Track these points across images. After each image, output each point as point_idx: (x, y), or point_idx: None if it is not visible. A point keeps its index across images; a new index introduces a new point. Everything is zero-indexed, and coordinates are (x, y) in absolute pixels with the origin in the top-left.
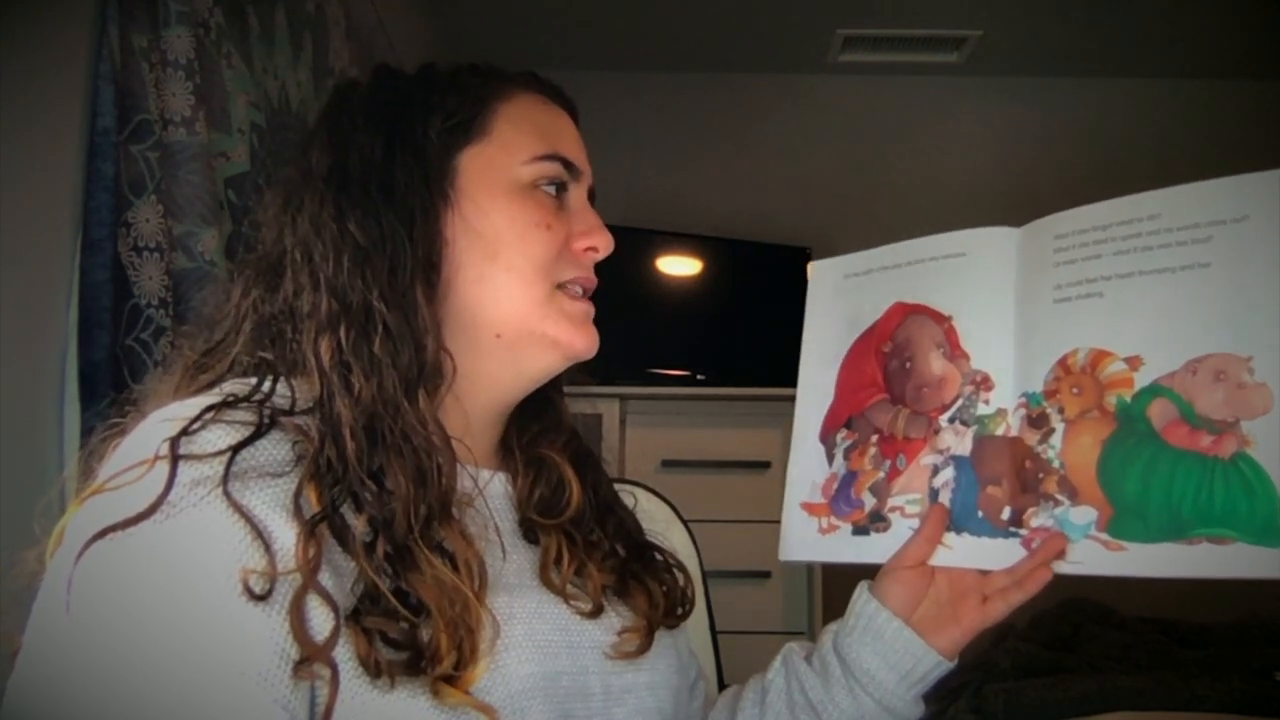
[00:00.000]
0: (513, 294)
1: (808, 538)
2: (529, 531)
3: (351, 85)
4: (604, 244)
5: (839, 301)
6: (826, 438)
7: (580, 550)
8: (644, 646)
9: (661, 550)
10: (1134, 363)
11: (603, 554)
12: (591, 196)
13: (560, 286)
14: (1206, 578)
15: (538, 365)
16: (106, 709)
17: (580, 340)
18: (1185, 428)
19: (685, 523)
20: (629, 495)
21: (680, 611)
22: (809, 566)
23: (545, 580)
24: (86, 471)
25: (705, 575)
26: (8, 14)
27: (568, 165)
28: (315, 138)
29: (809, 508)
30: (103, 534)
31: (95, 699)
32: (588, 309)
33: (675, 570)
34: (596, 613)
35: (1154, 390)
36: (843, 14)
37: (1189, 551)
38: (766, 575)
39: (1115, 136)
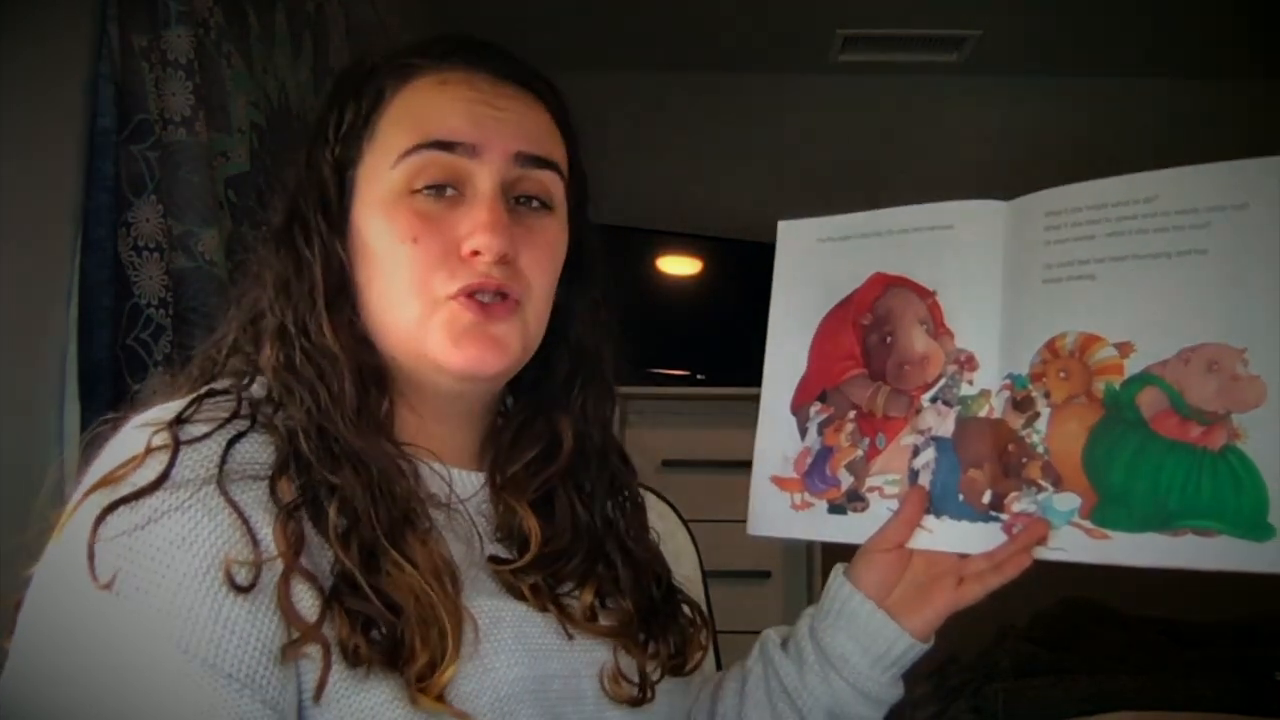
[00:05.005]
0: (395, 315)
1: (780, 513)
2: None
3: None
4: (484, 244)
5: (812, 266)
6: (798, 410)
7: (546, 591)
8: (636, 701)
9: (688, 599)
10: (1125, 349)
11: (601, 587)
12: (544, 165)
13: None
14: (1189, 569)
15: (441, 386)
16: (91, 712)
17: (457, 359)
18: (1175, 418)
19: (687, 525)
20: (653, 533)
21: (698, 657)
22: (808, 564)
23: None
24: (75, 476)
25: (705, 575)
26: (8, 14)
27: (447, 146)
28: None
29: (779, 481)
30: (112, 508)
31: (78, 704)
32: (473, 320)
33: (694, 619)
34: (588, 621)
35: (1144, 378)
36: (843, 14)
37: (1173, 542)
38: (766, 575)
39: (1115, 136)
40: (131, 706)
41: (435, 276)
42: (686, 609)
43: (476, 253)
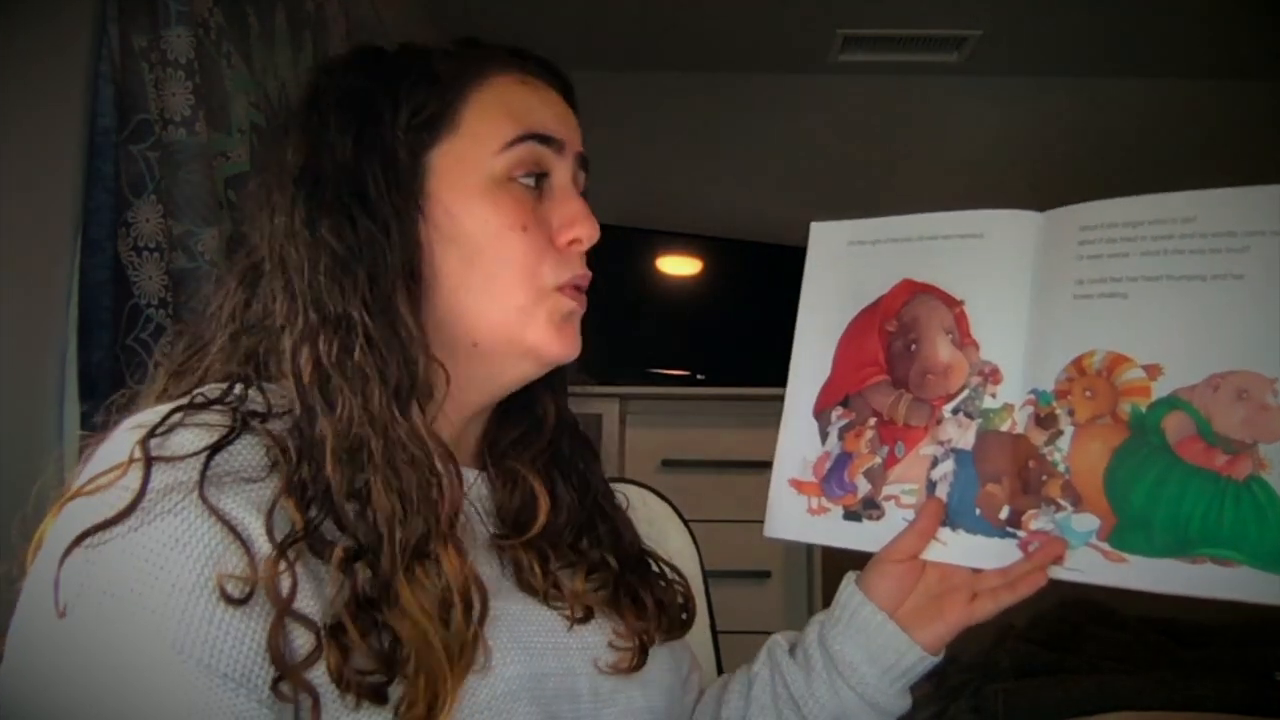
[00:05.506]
0: (493, 302)
1: (796, 516)
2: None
3: (329, 70)
4: (587, 234)
5: (842, 270)
6: (820, 414)
7: (555, 565)
8: (637, 664)
9: (658, 558)
10: (1153, 371)
11: (590, 565)
12: (585, 166)
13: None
14: (1207, 598)
15: (514, 373)
16: (87, 714)
17: (558, 347)
18: (1200, 444)
19: (685, 521)
20: (621, 496)
21: (684, 619)
22: (808, 564)
23: (524, 587)
24: (62, 480)
25: (706, 575)
26: (8, 14)
27: (545, 140)
28: (290, 130)
29: (798, 485)
30: (81, 539)
31: (76, 705)
32: (574, 309)
33: (673, 580)
34: (584, 619)
35: (1171, 402)
36: (843, 14)
37: (1191, 570)
38: (766, 575)
39: (1115, 136)
40: (129, 707)
41: (543, 266)
42: (656, 565)
43: (574, 242)
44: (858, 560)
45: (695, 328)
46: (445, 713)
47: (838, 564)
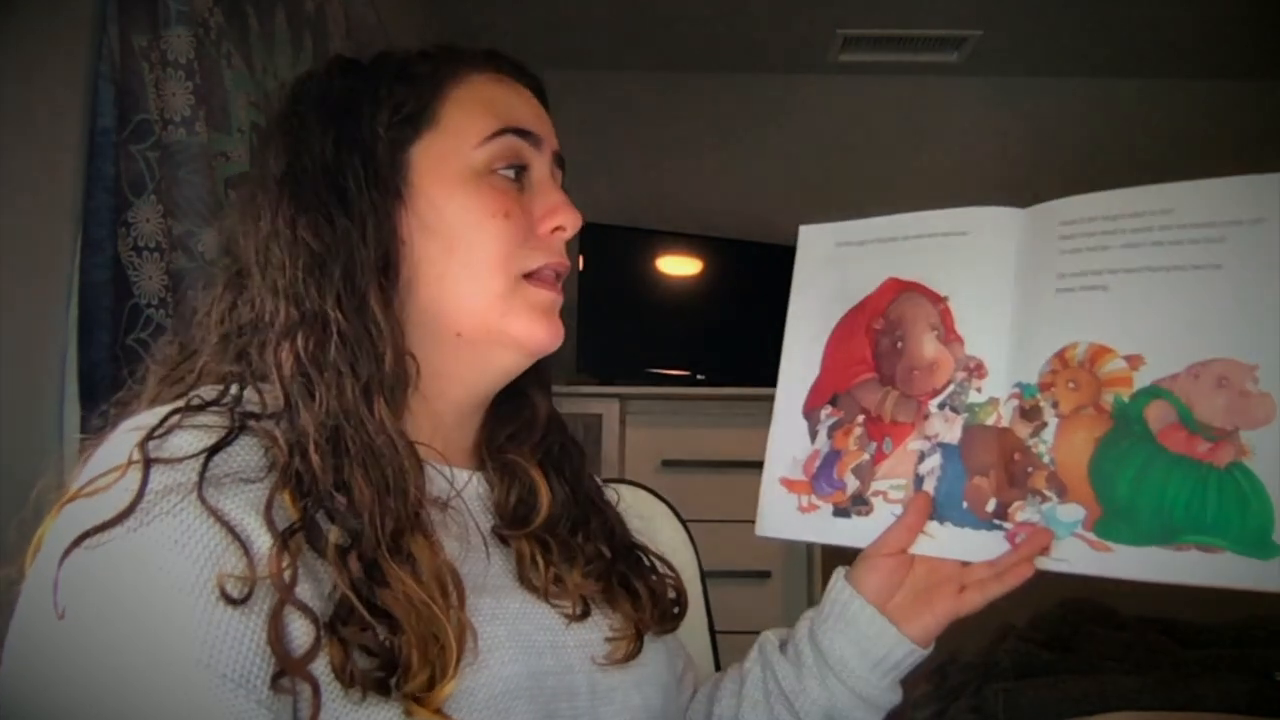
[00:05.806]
0: (473, 290)
1: (787, 515)
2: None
3: (307, 79)
4: (570, 221)
5: (830, 271)
6: (810, 413)
7: (556, 556)
8: (633, 653)
9: (648, 550)
10: (1134, 362)
11: (586, 558)
12: (561, 165)
13: (528, 276)
14: (1192, 585)
15: (500, 364)
16: (88, 714)
17: (541, 335)
18: (1183, 432)
19: (681, 518)
20: (612, 493)
21: (675, 613)
22: (808, 564)
23: (525, 583)
24: (62, 482)
25: (704, 574)
26: (8, 14)
27: (524, 134)
28: (271, 137)
29: (788, 484)
30: (80, 540)
31: (76, 705)
32: (554, 299)
33: (664, 573)
34: (582, 617)
35: (1153, 392)
36: (843, 14)
37: (1176, 557)
38: (766, 575)
39: (1115, 137)
40: (128, 707)
41: (520, 252)
42: (647, 557)
43: (557, 229)
44: (856, 559)
45: (695, 328)
46: (446, 683)
47: (837, 564)
